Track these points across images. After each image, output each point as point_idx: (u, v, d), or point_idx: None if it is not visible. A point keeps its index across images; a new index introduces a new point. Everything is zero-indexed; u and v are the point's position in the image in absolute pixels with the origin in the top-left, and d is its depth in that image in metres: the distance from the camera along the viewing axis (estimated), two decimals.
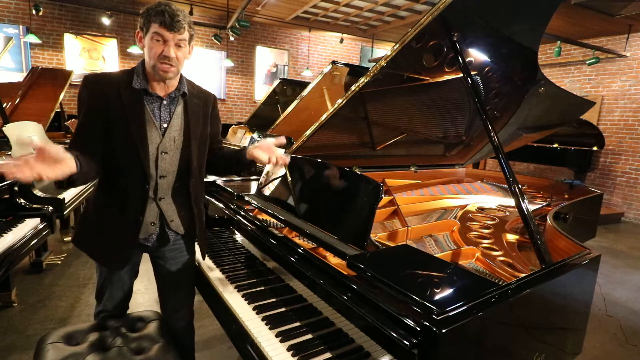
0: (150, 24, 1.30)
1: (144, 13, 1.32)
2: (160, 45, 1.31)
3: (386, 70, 1.90)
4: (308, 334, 1.29)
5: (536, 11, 1.90)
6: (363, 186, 1.45)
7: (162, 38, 1.31)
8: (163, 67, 1.33)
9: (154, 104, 1.41)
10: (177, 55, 1.34)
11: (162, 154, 1.42)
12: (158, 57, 1.31)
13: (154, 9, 1.30)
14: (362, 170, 2.54)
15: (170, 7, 1.30)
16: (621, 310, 3.20)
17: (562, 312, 1.37)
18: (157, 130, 1.41)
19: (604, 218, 6.28)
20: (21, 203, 2.67)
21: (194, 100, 1.49)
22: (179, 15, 1.30)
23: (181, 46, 1.35)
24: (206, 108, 1.55)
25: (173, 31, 1.30)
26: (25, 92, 4.62)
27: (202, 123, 1.52)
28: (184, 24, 1.32)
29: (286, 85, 5.62)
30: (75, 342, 1.44)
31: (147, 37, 1.32)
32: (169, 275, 1.62)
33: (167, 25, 1.29)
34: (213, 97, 1.61)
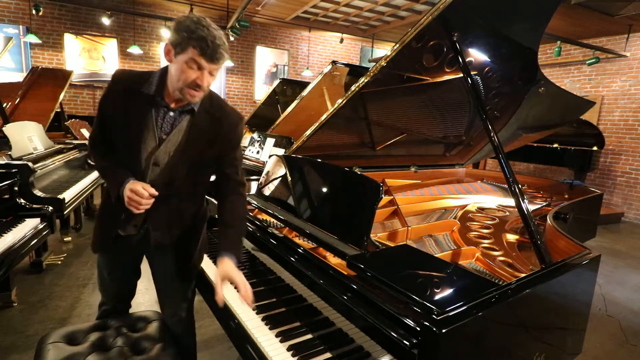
0: (188, 48, 1.19)
1: (181, 30, 1.19)
2: (195, 72, 1.23)
3: (386, 70, 1.90)
4: (308, 334, 1.29)
5: (536, 11, 1.90)
6: (363, 186, 1.45)
7: (198, 66, 1.22)
8: (192, 93, 1.27)
9: (160, 112, 1.35)
10: (208, 83, 1.28)
11: (153, 166, 1.37)
12: (189, 82, 1.24)
13: (195, 31, 1.18)
14: (362, 170, 2.54)
15: (211, 31, 1.19)
16: (621, 310, 3.20)
17: (562, 312, 1.37)
18: (155, 139, 1.35)
19: (604, 218, 6.27)
20: (21, 203, 2.67)
21: (203, 118, 1.38)
22: (220, 45, 1.21)
23: (214, 75, 1.28)
24: (218, 129, 1.40)
25: (212, 62, 1.22)
26: (25, 92, 4.62)
27: (205, 144, 1.39)
28: (225, 54, 1.24)
29: (286, 85, 5.61)
30: (76, 342, 1.43)
31: (180, 58, 1.22)
32: (162, 278, 1.60)
33: (208, 55, 1.20)
34: (236, 120, 1.45)
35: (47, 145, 3.63)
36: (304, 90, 4.13)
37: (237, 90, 8.92)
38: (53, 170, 3.38)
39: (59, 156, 3.60)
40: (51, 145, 3.71)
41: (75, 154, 3.97)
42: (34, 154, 3.26)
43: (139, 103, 1.33)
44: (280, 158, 1.97)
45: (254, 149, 4.40)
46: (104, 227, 1.49)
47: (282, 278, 1.50)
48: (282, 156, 1.97)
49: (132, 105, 1.33)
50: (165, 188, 1.38)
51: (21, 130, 3.33)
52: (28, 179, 2.76)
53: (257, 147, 4.34)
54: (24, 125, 3.44)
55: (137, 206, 1.29)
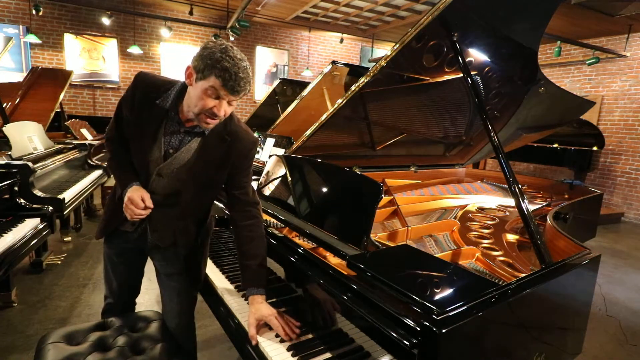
0: (211, 76, 1.18)
1: (205, 57, 1.17)
2: (213, 101, 1.22)
3: (386, 70, 1.90)
4: (308, 334, 1.29)
5: (536, 11, 1.90)
6: (363, 186, 1.45)
7: (217, 95, 1.21)
8: (207, 120, 1.26)
9: (170, 127, 1.35)
10: (226, 113, 1.27)
11: (156, 176, 1.38)
12: (206, 111, 1.23)
13: (220, 60, 1.16)
14: (362, 170, 2.54)
15: (236, 62, 1.18)
16: (621, 310, 3.20)
17: (562, 312, 1.37)
18: (160, 152, 1.35)
19: (604, 218, 6.28)
20: (21, 203, 2.67)
21: (214, 142, 1.37)
22: (243, 78, 1.19)
23: (232, 105, 1.27)
24: (229, 153, 1.39)
25: (232, 94, 1.21)
26: (25, 92, 4.62)
27: (214, 167, 1.39)
28: (247, 87, 1.22)
29: (286, 85, 5.61)
30: (76, 341, 1.43)
31: (200, 83, 1.20)
32: (162, 279, 1.62)
33: (229, 88, 1.19)
34: (250, 142, 1.44)
35: (47, 145, 3.63)
36: (304, 90, 4.13)
37: None
38: (53, 170, 3.38)
39: (59, 156, 3.60)
40: (51, 145, 3.71)
41: (75, 154, 3.97)
42: (34, 154, 3.26)
43: (152, 113, 1.34)
44: (280, 158, 1.96)
45: None
46: (109, 217, 1.52)
47: (282, 278, 1.50)
48: (282, 156, 1.97)
49: (146, 114, 1.34)
50: (167, 198, 1.40)
51: (21, 130, 3.33)
52: (28, 179, 2.76)
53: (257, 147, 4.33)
54: (24, 125, 3.44)
55: (132, 214, 1.32)
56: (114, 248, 1.58)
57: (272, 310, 1.32)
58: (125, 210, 1.34)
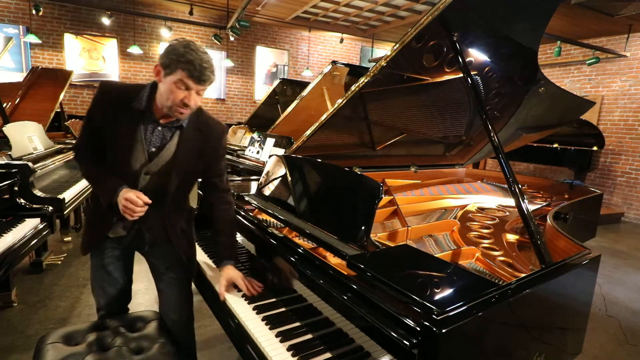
0: (177, 70, 1.27)
1: (170, 53, 1.27)
2: (182, 92, 1.30)
3: (386, 70, 1.90)
4: (308, 334, 1.29)
5: (536, 11, 1.90)
6: (363, 186, 1.45)
7: (185, 87, 1.30)
8: (180, 111, 1.34)
9: (149, 127, 1.42)
10: (196, 102, 1.35)
11: (144, 175, 1.45)
12: (178, 102, 1.32)
13: (183, 54, 1.26)
14: (362, 170, 2.54)
15: (199, 55, 1.27)
16: (621, 310, 3.20)
17: (562, 312, 1.37)
18: (144, 152, 1.42)
19: (604, 218, 6.28)
20: (21, 203, 2.67)
21: (192, 134, 1.47)
22: (207, 67, 1.28)
23: (200, 94, 1.35)
24: (205, 142, 1.50)
25: (199, 83, 1.30)
26: (25, 92, 4.62)
27: (194, 157, 1.49)
28: (211, 76, 1.31)
29: (286, 85, 5.62)
30: (75, 342, 1.43)
31: (169, 78, 1.30)
32: (161, 274, 1.64)
33: (195, 77, 1.28)
34: (221, 132, 1.56)
35: (47, 145, 3.63)
36: (304, 90, 4.13)
37: (237, 90, 8.92)
38: (53, 170, 3.38)
39: (59, 156, 3.60)
40: (51, 145, 3.71)
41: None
42: (34, 154, 3.26)
43: (128, 117, 1.39)
44: (280, 158, 1.96)
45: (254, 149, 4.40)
46: (94, 229, 1.54)
47: (282, 278, 1.50)
48: (282, 156, 1.97)
49: (122, 119, 1.39)
50: (155, 193, 1.45)
51: (21, 130, 3.33)
52: (28, 179, 2.76)
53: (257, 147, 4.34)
54: (24, 125, 3.44)
55: (132, 214, 1.38)
56: (106, 257, 1.57)
57: (239, 274, 1.54)
58: (124, 211, 1.37)
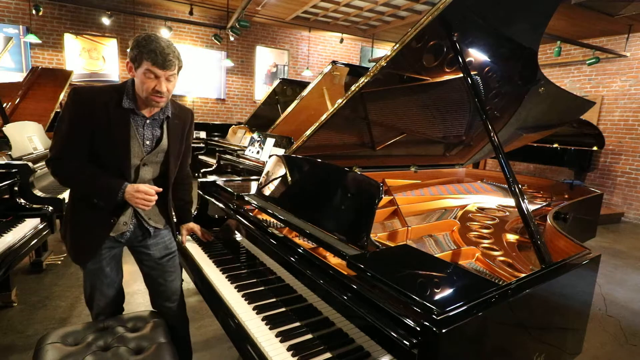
0: (142, 61, 1.37)
1: (134, 47, 1.37)
2: (153, 81, 1.39)
3: (386, 70, 1.90)
4: (308, 334, 1.29)
5: (536, 11, 1.90)
6: (363, 186, 1.45)
7: (154, 75, 1.38)
8: (155, 99, 1.43)
9: (139, 122, 1.50)
10: (168, 88, 1.44)
11: (143, 166, 1.54)
12: (151, 91, 1.40)
13: (145, 45, 1.35)
14: (362, 170, 2.54)
15: (159, 43, 1.36)
16: (621, 310, 3.20)
17: (562, 312, 1.37)
18: (140, 146, 1.51)
19: (604, 218, 6.27)
20: (21, 203, 2.67)
21: (174, 121, 1.60)
22: (169, 53, 1.37)
23: (171, 80, 1.44)
24: (184, 126, 1.66)
25: (164, 69, 1.38)
26: (25, 92, 4.62)
27: (179, 141, 1.64)
28: (175, 61, 1.40)
29: (286, 85, 5.62)
30: (75, 342, 1.43)
31: (139, 71, 1.39)
32: (155, 262, 1.69)
33: (159, 64, 1.36)
34: (191, 115, 1.72)
35: (47, 145, 3.63)
36: (304, 90, 4.13)
37: (237, 90, 8.92)
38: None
39: None
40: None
41: None
42: (34, 154, 3.26)
43: (120, 117, 1.45)
44: (280, 158, 1.96)
45: (254, 149, 4.40)
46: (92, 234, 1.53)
47: (282, 278, 1.50)
48: (282, 156, 1.97)
49: (115, 120, 1.44)
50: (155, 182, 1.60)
51: (21, 130, 3.33)
52: (28, 179, 2.76)
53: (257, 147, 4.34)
54: (24, 125, 3.44)
55: (147, 204, 1.48)
56: (103, 259, 1.57)
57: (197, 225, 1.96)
58: (138, 203, 1.46)
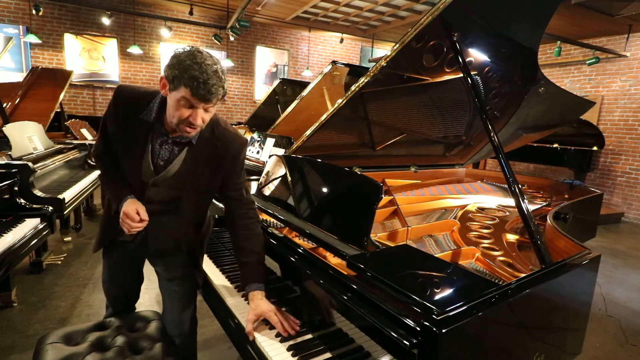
0: (181, 86, 1.15)
1: (174, 66, 1.15)
2: (187, 111, 1.19)
3: (386, 70, 1.90)
4: (308, 334, 1.29)
5: (536, 11, 1.90)
6: (363, 186, 1.45)
7: (190, 105, 1.18)
8: (186, 130, 1.24)
9: (159, 139, 1.34)
10: (204, 120, 1.24)
11: (153, 186, 1.38)
12: (183, 120, 1.21)
13: (188, 69, 1.13)
14: (362, 170, 2.54)
15: (204, 69, 1.13)
16: (621, 310, 3.20)
17: (562, 312, 1.37)
18: (150, 165, 1.35)
19: (604, 218, 6.27)
20: (21, 203, 2.67)
21: (204, 148, 1.36)
22: (214, 84, 1.15)
23: (209, 111, 1.24)
24: (221, 157, 1.38)
25: (205, 102, 1.18)
26: (25, 92, 4.62)
27: (209, 174, 1.39)
28: (220, 90, 1.18)
29: (286, 85, 5.61)
30: (75, 342, 1.43)
31: (173, 94, 1.19)
32: (164, 283, 1.61)
33: (200, 96, 1.15)
34: (239, 146, 1.42)
35: (47, 145, 3.63)
36: (304, 90, 4.12)
37: (237, 90, 8.92)
38: (53, 170, 3.37)
39: (59, 156, 3.60)
40: (51, 145, 3.71)
41: (75, 154, 3.96)
42: (34, 154, 3.25)
43: (138, 127, 1.32)
44: (280, 158, 1.96)
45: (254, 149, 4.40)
46: (106, 230, 1.53)
47: (282, 278, 1.50)
48: (282, 156, 1.97)
49: (131, 129, 1.33)
50: (164, 205, 1.43)
51: (21, 130, 3.32)
52: (28, 179, 2.75)
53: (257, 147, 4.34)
54: (24, 125, 3.44)
55: (129, 229, 1.33)
56: (113, 258, 1.58)
57: (271, 307, 1.33)
58: (122, 224, 1.33)
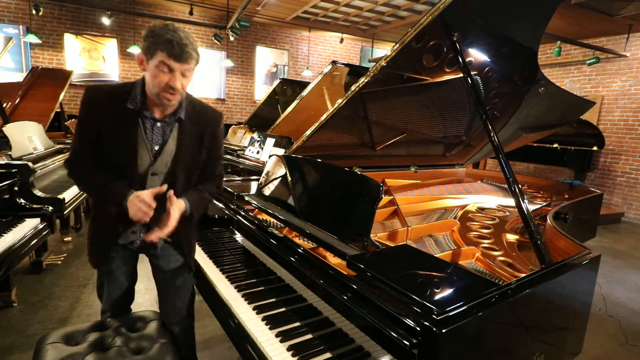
0: (157, 52, 1.23)
1: (148, 36, 1.24)
2: (166, 75, 1.26)
3: (386, 70, 1.90)
4: (308, 334, 1.29)
5: (536, 11, 1.90)
6: (363, 186, 1.45)
7: (168, 68, 1.26)
8: (167, 97, 1.30)
9: (148, 124, 1.38)
10: (183, 85, 1.30)
11: (152, 175, 1.41)
12: (163, 86, 1.27)
13: (162, 35, 1.22)
14: (362, 170, 2.54)
15: (178, 34, 1.23)
16: (621, 310, 3.20)
17: (562, 312, 1.37)
18: (148, 152, 1.38)
19: (604, 218, 6.27)
20: (21, 203, 2.67)
21: (190, 124, 1.43)
22: (187, 45, 1.24)
23: (187, 75, 1.31)
24: (204, 131, 1.47)
25: (181, 62, 1.25)
26: (25, 92, 4.62)
27: (196, 148, 1.47)
28: (193, 54, 1.26)
29: (286, 85, 5.61)
30: (75, 342, 1.43)
31: (151, 63, 1.26)
32: (164, 275, 1.63)
33: (176, 56, 1.23)
34: (218, 118, 1.52)
35: (47, 145, 3.63)
36: (304, 90, 4.13)
37: (237, 90, 8.92)
38: (53, 170, 3.37)
39: (59, 156, 3.60)
40: (51, 145, 3.71)
41: None
42: (34, 154, 3.26)
43: (126, 117, 1.35)
44: (280, 158, 1.96)
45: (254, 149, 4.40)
46: (104, 240, 1.50)
47: (282, 278, 1.50)
48: (282, 156, 1.97)
49: (119, 120, 1.34)
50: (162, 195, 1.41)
51: (21, 130, 3.33)
52: (28, 179, 2.76)
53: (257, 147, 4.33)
54: (24, 125, 3.44)
55: (143, 216, 1.33)
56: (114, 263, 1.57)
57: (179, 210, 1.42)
58: (137, 214, 1.33)
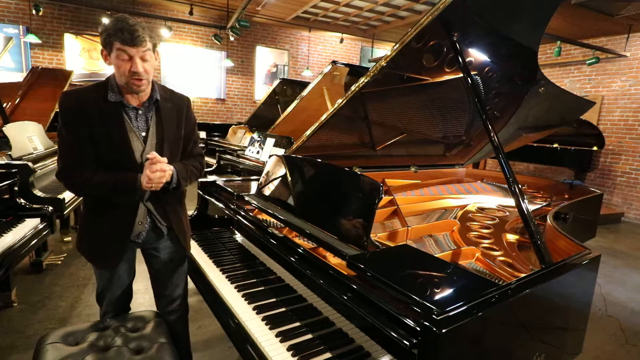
0: (112, 43, 1.32)
1: (103, 32, 1.33)
2: (127, 62, 1.34)
3: (386, 70, 1.90)
4: (308, 334, 1.29)
5: (536, 11, 1.90)
6: (363, 186, 1.45)
7: (127, 55, 1.33)
8: (134, 82, 1.37)
9: (131, 114, 1.45)
10: (145, 69, 1.37)
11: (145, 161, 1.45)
12: (128, 74, 1.35)
13: (112, 27, 1.31)
14: (362, 170, 2.54)
15: (126, 22, 1.31)
16: (621, 310, 3.20)
17: (562, 312, 1.37)
18: (138, 139, 1.46)
19: (604, 218, 6.27)
20: (21, 203, 2.67)
21: (166, 105, 1.52)
22: (137, 29, 1.31)
23: (147, 59, 1.38)
24: (180, 110, 1.57)
25: (135, 46, 1.32)
26: (25, 92, 4.62)
27: (175, 126, 1.55)
28: (145, 36, 1.34)
29: (286, 85, 5.62)
30: (75, 342, 1.43)
31: (112, 55, 1.35)
32: (163, 265, 1.67)
33: (128, 42, 1.31)
34: (187, 100, 1.63)
35: (47, 145, 3.63)
36: (304, 90, 4.13)
37: (237, 90, 8.92)
38: (53, 170, 3.37)
39: None
40: (51, 145, 3.71)
41: None
42: (34, 154, 3.26)
43: (111, 113, 1.41)
44: (280, 158, 1.96)
45: (254, 149, 4.40)
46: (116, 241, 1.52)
47: (282, 278, 1.50)
48: (282, 156, 1.97)
49: (107, 117, 1.40)
50: None
51: (21, 130, 3.33)
52: (28, 179, 2.76)
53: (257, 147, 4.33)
54: (24, 125, 3.44)
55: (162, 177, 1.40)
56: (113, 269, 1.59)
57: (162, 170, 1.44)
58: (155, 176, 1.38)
